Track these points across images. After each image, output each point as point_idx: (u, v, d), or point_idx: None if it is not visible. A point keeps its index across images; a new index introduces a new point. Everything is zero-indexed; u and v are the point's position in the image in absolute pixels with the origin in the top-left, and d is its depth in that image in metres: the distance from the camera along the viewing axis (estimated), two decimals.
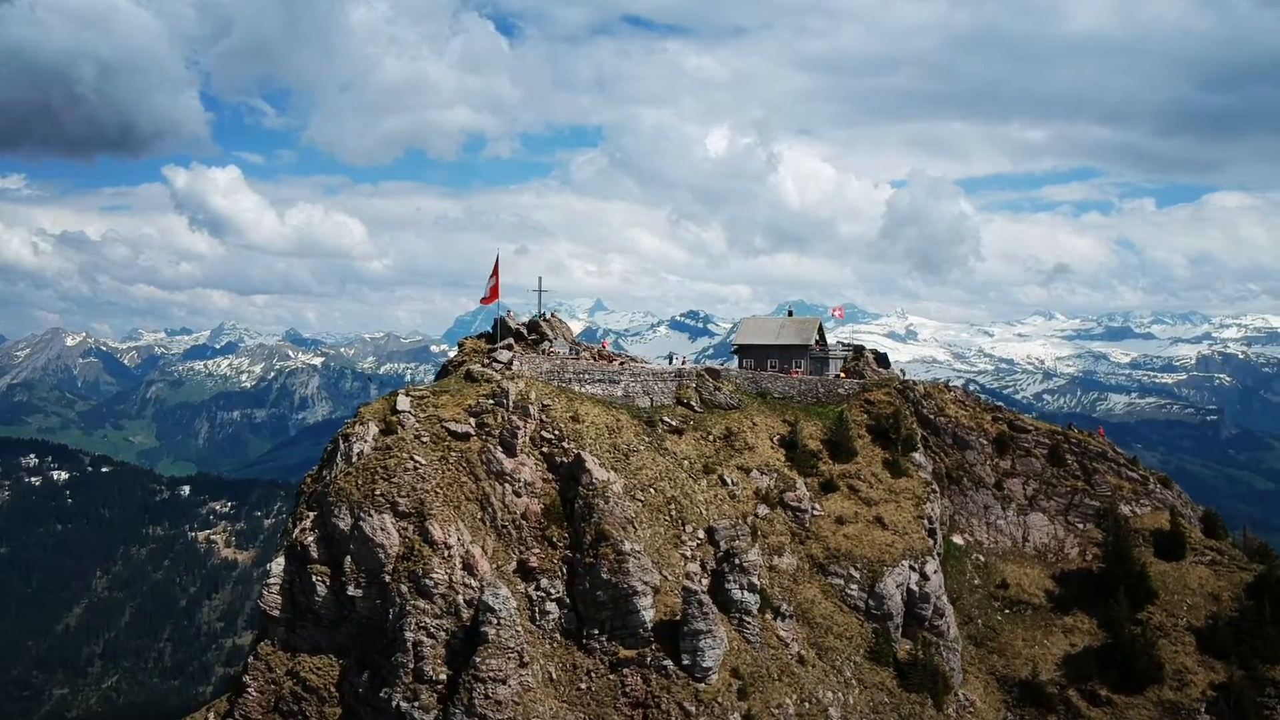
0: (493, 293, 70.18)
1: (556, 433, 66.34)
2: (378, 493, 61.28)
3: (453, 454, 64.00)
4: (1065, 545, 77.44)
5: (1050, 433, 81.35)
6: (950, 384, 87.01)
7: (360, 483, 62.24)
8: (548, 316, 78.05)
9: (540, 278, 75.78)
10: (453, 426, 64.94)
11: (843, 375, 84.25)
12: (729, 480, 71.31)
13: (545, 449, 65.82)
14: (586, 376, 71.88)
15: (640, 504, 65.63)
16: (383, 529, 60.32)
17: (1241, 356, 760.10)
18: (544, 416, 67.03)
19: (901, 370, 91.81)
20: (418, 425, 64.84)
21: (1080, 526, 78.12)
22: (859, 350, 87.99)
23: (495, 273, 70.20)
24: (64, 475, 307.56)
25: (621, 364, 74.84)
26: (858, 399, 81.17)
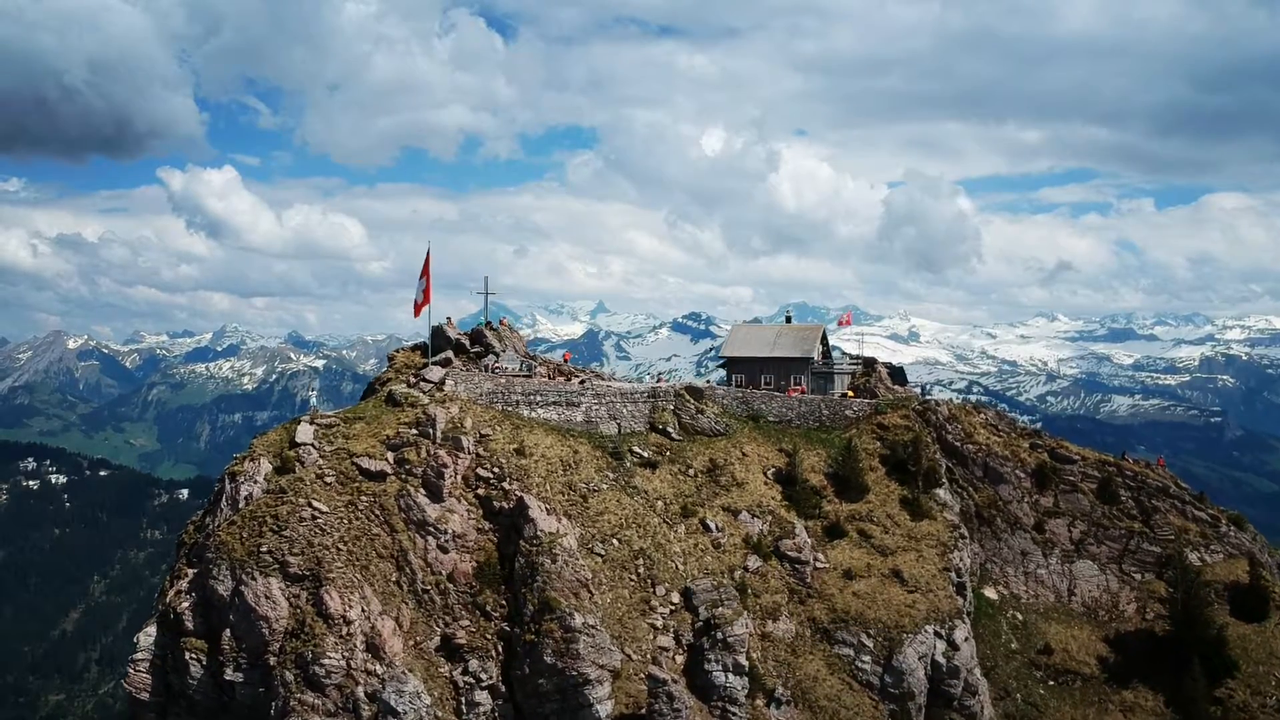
0: (425, 296, 57.13)
1: (496, 470, 53.40)
2: (264, 549, 48.45)
3: (363, 499, 51.13)
4: (1120, 600, 64.28)
5: (1100, 463, 68.19)
6: (980, 403, 73.61)
7: (245, 536, 49.43)
8: (495, 324, 64.95)
9: (486, 278, 63.29)
10: (365, 463, 52.08)
11: (850, 394, 71.14)
12: (713, 525, 58.29)
13: (481, 491, 52.87)
14: (539, 398, 58.89)
15: (600, 559, 52.63)
16: (268, 596, 47.42)
17: (1245, 358, 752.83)
18: (481, 450, 54.11)
19: (921, 387, 78.58)
20: (321, 462, 51.98)
21: (1138, 577, 64.98)
22: (870, 363, 74.78)
23: (426, 271, 57.17)
24: (62, 479, 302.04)
25: (583, 382, 61.76)
26: (869, 423, 68.05)
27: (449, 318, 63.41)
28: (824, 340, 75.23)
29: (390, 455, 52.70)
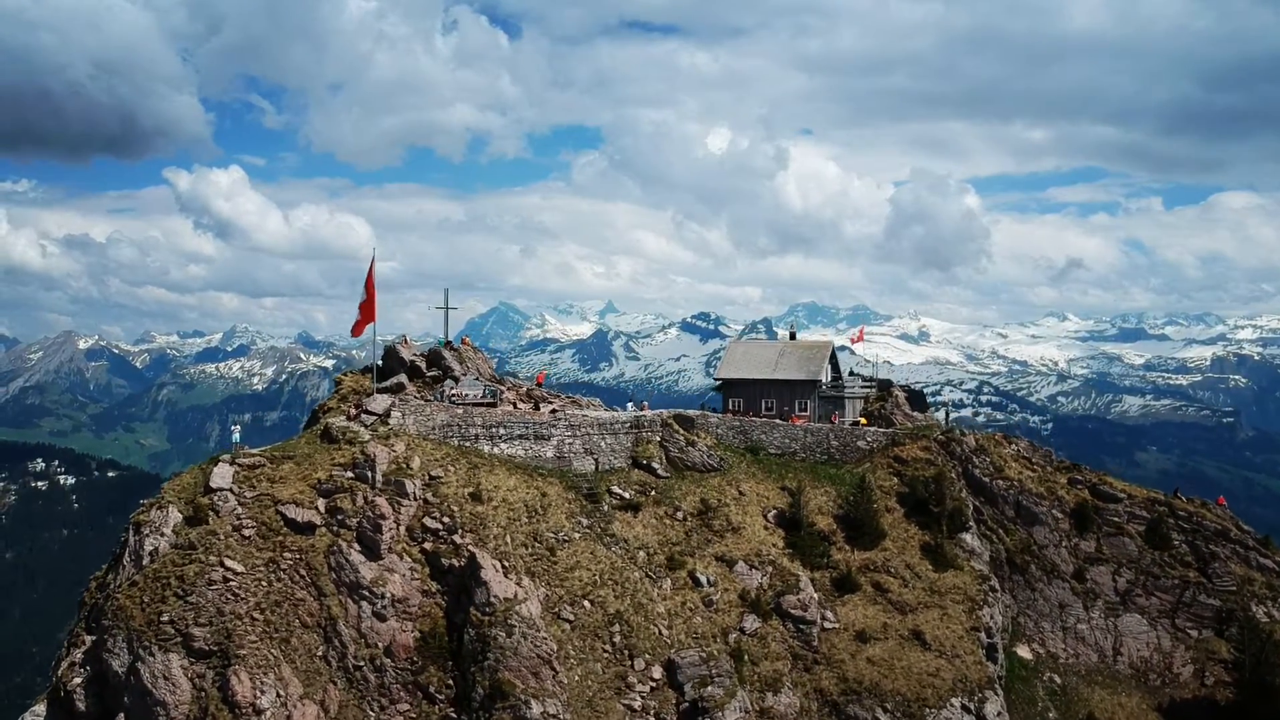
0: (366, 311, 49.01)
1: (446, 519, 45.41)
2: (165, 619, 40.64)
3: (287, 556, 43.22)
4: (1174, 662, 55.91)
5: (1148, 501, 59.78)
6: (1011, 435, 65.13)
7: (146, 600, 41.60)
8: (456, 344, 56.92)
9: (447, 290, 55.04)
10: (292, 513, 44.18)
11: (863, 421, 62.87)
12: (703, 579, 50.21)
13: (428, 545, 44.89)
14: (502, 431, 50.88)
15: (568, 627, 44.59)
16: (167, 676, 39.61)
17: (1257, 358, 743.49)
18: (430, 495, 46.14)
19: (946, 410, 70.03)
20: (240, 511, 44.10)
21: (1194, 634, 56.61)
22: (885, 386, 66.43)
23: (370, 283, 49.09)
24: (70, 480, 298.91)
25: (554, 411, 53.65)
26: (884, 455, 59.87)
27: (404, 336, 55.66)
28: (833, 359, 66.86)
29: (321, 503, 44.82)
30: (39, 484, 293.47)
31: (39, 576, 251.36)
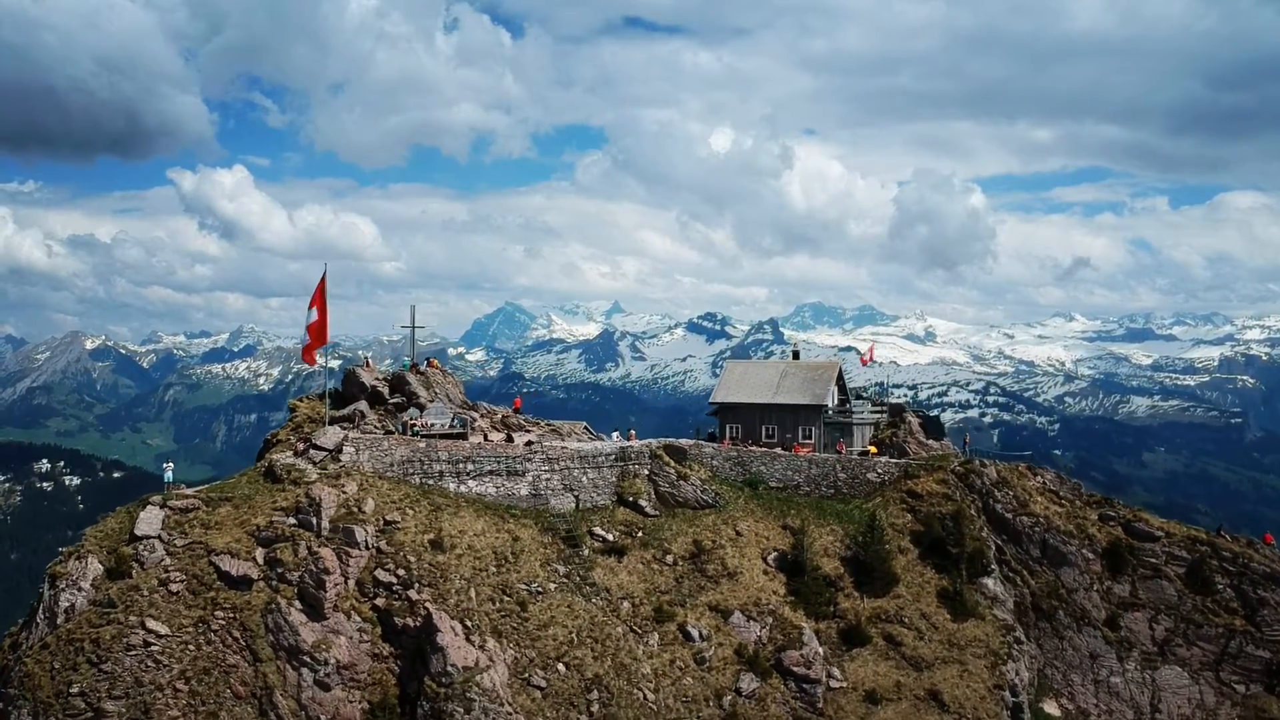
0: (316, 334, 43.60)
1: (402, 573, 40.18)
2: (75, 690, 35.69)
3: (219, 615, 38.10)
4: None
5: (1189, 540, 54.10)
6: (1035, 465, 59.41)
7: (57, 667, 36.64)
8: (422, 367, 51.61)
9: (413, 307, 49.65)
10: (226, 564, 39.06)
11: (873, 450, 57.37)
12: (695, 633, 44.89)
13: (380, 601, 39.67)
14: (471, 467, 45.61)
15: (539, 695, 39.31)
16: None
17: (1265, 358, 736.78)
18: (384, 544, 40.91)
19: (964, 436, 64.29)
20: (168, 562, 39.05)
21: (1241, 689, 50.92)
22: (898, 412, 60.81)
23: (320, 300, 43.59)
24: (75, 480, 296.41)
25: (530, 443, 48.27)
26: (897, 489, 54.39)
27: (367, 358, 50.67)
28: (840, 380, 61.27)
29: (260, 553, 39.65)
30: (44, 485, 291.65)
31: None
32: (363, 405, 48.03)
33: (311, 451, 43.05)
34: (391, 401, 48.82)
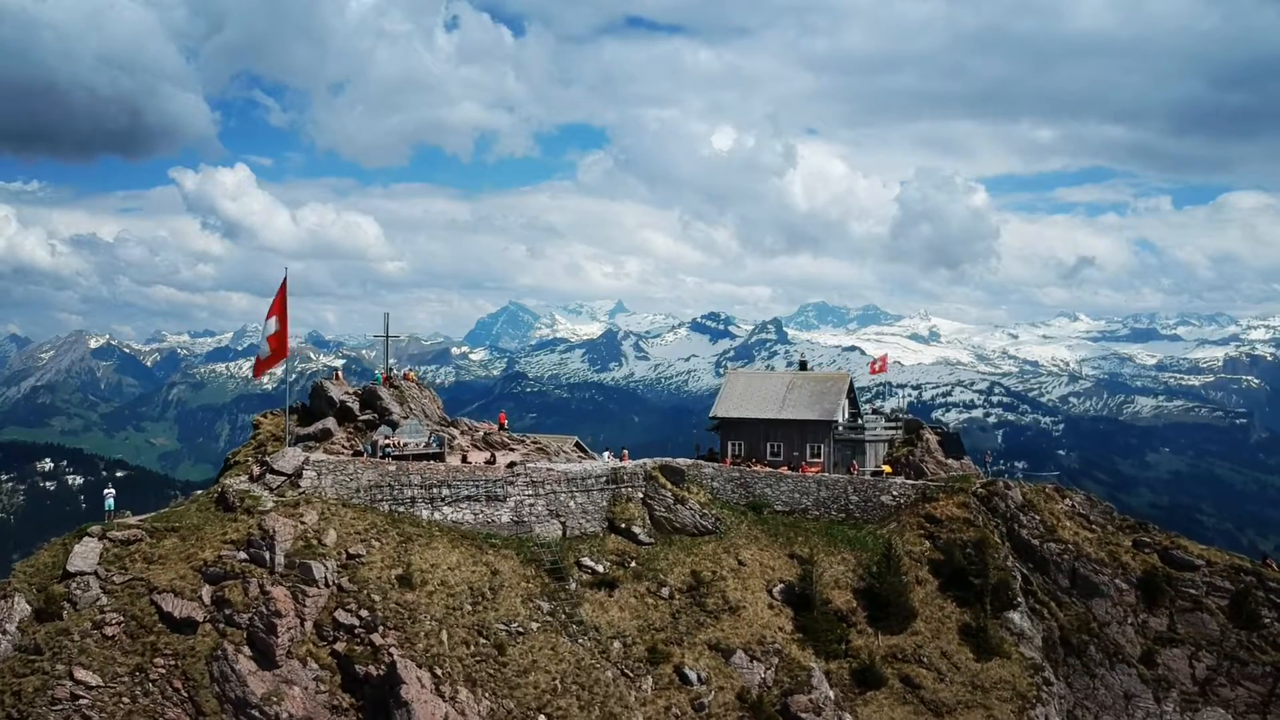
0: (277, 345, 39.55)
1: (365, 613, 36.03)
2: None
3: (159, 663, 34.00)
4: None
5: (1231, 570, 49.80)
6: (1064, 487, 55.07)
7: None
8: (396, 379, 47.45)
9: (387, 315, 45.91)
10: (169, 604, 34.95)
11: (887, 470, 53.09)
12: (693, 675, 40.71)
13: (341, 646, 35.51)
14: (446, 492, 41.46)
15: None
16: None
17: (1269, 358, 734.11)
18: (345, 581, 36.78)
19: (987, 455, 59.86)
20: (105, 601, 34.96)
21: None
22: (915, 428, 56.50)
23: (281, 308, 39.52)
24: (79, 480, 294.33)
25: (513, 465, 44.08)
26: (914, 513, 50.14)
27: (336, 371, 46.74)
28: (851, 393, 56.99)
29: (207, 592, 35.54)
30: (47, 484, 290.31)
31: None
32: (330, 423, 43.94)
33: (269, 476, 38.93)
34: (362, 418, 44.68)
